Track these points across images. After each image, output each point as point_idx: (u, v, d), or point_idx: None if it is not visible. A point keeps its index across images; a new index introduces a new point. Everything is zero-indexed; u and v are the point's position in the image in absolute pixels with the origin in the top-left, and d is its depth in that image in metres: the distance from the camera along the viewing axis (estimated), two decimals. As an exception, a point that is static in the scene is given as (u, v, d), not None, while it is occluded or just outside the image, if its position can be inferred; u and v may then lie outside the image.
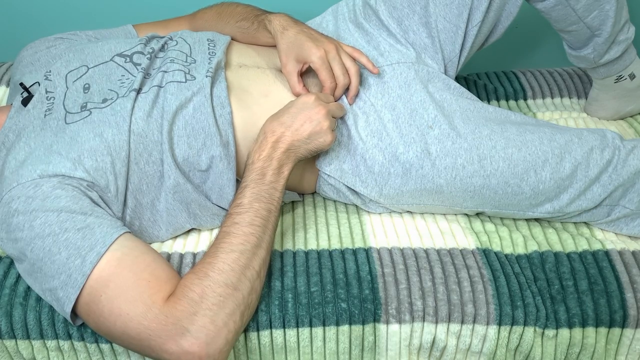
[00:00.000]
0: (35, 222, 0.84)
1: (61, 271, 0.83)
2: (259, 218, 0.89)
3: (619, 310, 0.96)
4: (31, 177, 0.88)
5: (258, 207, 0.89)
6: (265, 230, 0.89)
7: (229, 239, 0.86)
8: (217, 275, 0.82)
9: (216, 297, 0.81)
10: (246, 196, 0.90)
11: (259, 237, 0.87)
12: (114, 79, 0.99)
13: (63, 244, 0.83)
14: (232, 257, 0.84)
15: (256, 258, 0.86)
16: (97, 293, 0.82)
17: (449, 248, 1.03)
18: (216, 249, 0.85)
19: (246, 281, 0.84)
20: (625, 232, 1.07)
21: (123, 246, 0.85)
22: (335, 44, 1.03)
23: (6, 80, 1.39)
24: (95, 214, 0.87)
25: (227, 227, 0.88)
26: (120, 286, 0.81)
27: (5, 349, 0.93)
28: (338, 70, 1.02)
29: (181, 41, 1.07)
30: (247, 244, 0.86)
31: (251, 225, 0.87)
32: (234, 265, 0.83)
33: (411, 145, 1.02)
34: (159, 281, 0.83)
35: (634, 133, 1.29)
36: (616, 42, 1.18)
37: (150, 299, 0.80)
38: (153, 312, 0.79)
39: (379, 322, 0.95)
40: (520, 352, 0.97)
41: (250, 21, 1.13)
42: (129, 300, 0.81)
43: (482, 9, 1.10)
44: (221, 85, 1.00)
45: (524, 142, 1.02)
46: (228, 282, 0.82)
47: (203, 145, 0.96)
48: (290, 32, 1.04)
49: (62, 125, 0.94)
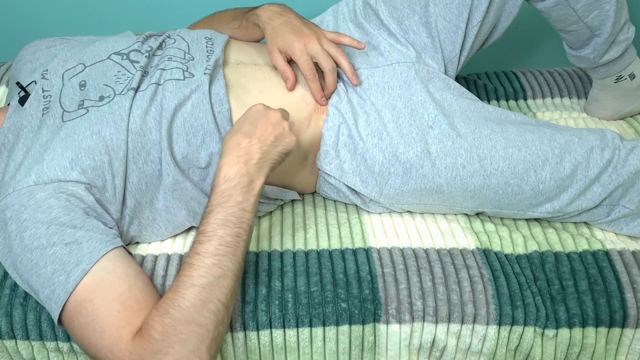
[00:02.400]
0: (25, 234, 0.84)
1: (45, 285, 0.83)
2: (224, 246, 0.83)
3: (619, 310, 0.96)
4: (27, 183, 0.87)
5: (223, 234, 0.83)
6: (233, 258, 0.83)
7: (190, 271, 0.81)
8: (177, 312, 0.78)
9: (177, 335, 0.77)
10: (209, 223, 0.84)
11: (224, 267, 0.82)
12: (109, 75, 0.99)
13: (49, 258, 0.83)
14: (193, 292, 0.79)
15: (221, 289, 0.81)
16: (72, 317, 0.82)
17: (449, 248, 1.03)
18: (177, 283, 0.81)
19: (210, 315, 0.79)
20: (625, 232, 1.07)
21: (103, 268, 0.83)
22: (317, 34, 1.03)
23: (6, 80, 1.39)
24: (86, 227, 0.86)
25: (190, 258, 0.82)
26: (91, 314, 0.81)
27: (5, 349, 0.93)
28: (321, 60, 1.02)
29: (179, 39, 1.07)
30: (209, 276, 0.80)
31: (215, 256, 0.82)
32: (195, 301, 0.79)
33: (411, 145, 1.02)
34: (129, 312, 0.81)
35: (634, 133, 1.29)
36: (616, 42, 1.18)
37: (118, 332, 0.79)
38: (118, 347, 0.79)
39: (379, 322, 0.95)
40: (520, 352, 0.97)
41: (240, 20, 1.14)
42: (98, 330, 0.80)
43: (482, 9, 1.10)
44: (219, 83, 1.00)
45: (524, 142, 1.02)
46: (189, 319, 0.78)
47: (202, 143, 0.96)
48: (275, 22, 1.05)
49: (59, 124, 0.93)
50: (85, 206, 0.88)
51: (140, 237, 1.00)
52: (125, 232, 0.96)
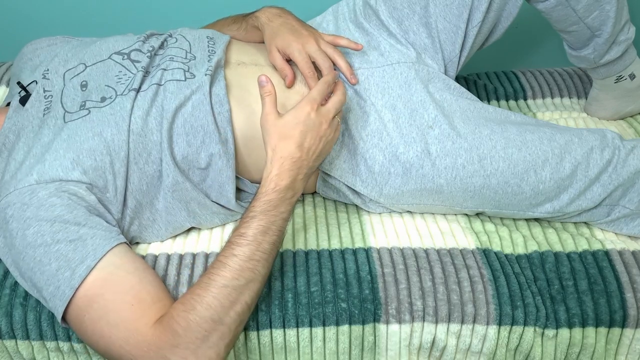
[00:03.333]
0: (28, 231, 0.84)
1: (50, 282, 0.83)
2: (261, 252, 0.84)
3: (619, 310, 0.96)
4: (28, 182, 0.88)
5: (262, 241, 0.85)
6: (266, 264, 0.85)
7: (223, 271, 0.82)
8: (205, 310, 0.79)
9: (201, 331, 0.79)
10: (251, 227, 0.85)
11: (257, 272, 0.83)
12: (110, 76, 0.99)
13: (54, 255, 0.83)
14: (224, 292, 0.80)
15: (250, 293, 0.83)
16: (82, 313, 0.82)
17: (449, 248, 1.03)
18: (209, 280, 0.81)
19: (235, 316, 0.81)
20: (625, 232, 1.07)
21: (110, 264, 0.83)
22: (314, 36, 1.04)
23: (6, 80, 1.39)
24: (90, 224, 0.86)
25: (225, 257, 0.83)
26: (103, 308, 0.81)
27: (5, 349, 0.93)
28: (318, 59, 1.03)
29: (181, 38, 1.07)
30: (242, 279, 0.82)
31: (250, 260, 0.83)
32: (224, 301, 0.80)
33: (411, 145, 1.02)
34: (142, 305, 0.81)
35: (634, 133, 1.29)
36: (616, 42, 1.18)
37: (133, 324, 0.80)
38: (135, 339, 0.79)
39: (379, 322, 0.95)
40: (520, 352, 0.97)
41: (240, 23, 1.15)
42: (111, 323, 0.80)
43: (482, 9, 1.10)
44: (220, 84, 1.00)
45: (524, 142, 1.02)
46: (215, 318, 0.79)
47: (202, 143, 0.96)
48: (274, 23, 1.06)
49: (61, 124, 0.93)
50: (87, 204, 0.88)
51: (140, 238, 1.01)
52: (125, 232, 0.96)
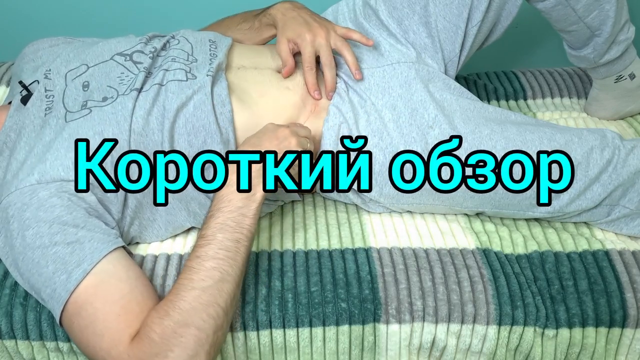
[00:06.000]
0: (27, 232, 0.84)
1: (47, 285, 0.83)
2: (223, 250, 0.83)
3: (619, 310, 0.96)
4: (29, 182, 0.88)
5: (222, 238, 0.84)
6: (233, 263, 0.83)
7: (189, 274, 0.81)
8: (178, 315, 0.78)
9: (177, 337, 0.77)
10: (210, 227, 0.85)
11: (224, 271, 0.82)
12: (113, 77, 0.99)
13: (51, 258, 0.83)
14: (193, 294, 0.80)
15: (221, 294, 0.81)
16: (71, 319, 0.82)
17: (449, 248, 1.03)
18: (177, 285, 0.81)
19: (209, 319, 0.79)
20: (625, 232, 1.07)
21: (104, 271, 0.83)
22: (327, 30, 1.05)
23: (6, 80, 1.39)
24: (88, 226, 0.86)
25: (190, 261, 0.83)
26: (91, 316, 0.81)
27: (5, 349, 0.93)
28: (322, 54, 1.04)
29: (183, 40, 1.07)
30: (209, 279, 0.81)
31: (214, 259, 0.82)
32: (195, 304, 0.79)
33: (412, 145, 1.02)
34: (129, 315, 0.81)
35: (634, 133, 1.29)
36: (616, 42, 1.18)
37: (117, 335, 0.79)
38: (117, 350, 0.79)
39: (379, 322, 0.95)
40: (520, 352, 0.97)
41: (251, 22, 1.14)
42: (97, 333, 0.80)
43: (481, 9, 1.10)
44: (222, 84, 1.00)
45: (524, 142, 1.02)
46: (188, 322, 0.78)
47: (203, 143, 0.96)
48: (287, 16, 1.07)
49: (62, 124, 0.94)
50: (87, 206, 0.88)
51: (140, 238, 1.00)
52: (125, 232, 0.96)
